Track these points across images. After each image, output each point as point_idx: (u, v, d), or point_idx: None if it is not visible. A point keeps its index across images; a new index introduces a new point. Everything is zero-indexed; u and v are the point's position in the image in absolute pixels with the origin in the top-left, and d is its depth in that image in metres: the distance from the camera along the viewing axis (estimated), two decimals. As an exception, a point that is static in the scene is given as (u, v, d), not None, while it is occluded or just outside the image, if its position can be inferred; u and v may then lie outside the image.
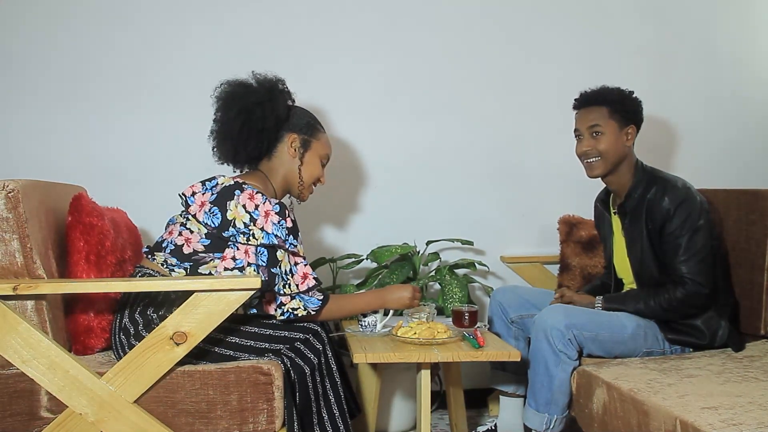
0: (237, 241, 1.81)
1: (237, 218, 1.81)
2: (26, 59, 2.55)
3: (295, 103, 2.07)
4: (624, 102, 2.17)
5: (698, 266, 2.04)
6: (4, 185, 1.62)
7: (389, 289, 2.08)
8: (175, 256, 1.85)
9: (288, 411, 1.72)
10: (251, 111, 1.92)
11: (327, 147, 2.07)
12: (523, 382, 2.26)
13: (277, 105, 1.97)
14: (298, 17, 2.70)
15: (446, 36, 2.80)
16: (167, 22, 2.62)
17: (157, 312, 1.78)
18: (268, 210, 1.82)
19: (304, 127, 2.02)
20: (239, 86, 1.97)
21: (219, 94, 1.99)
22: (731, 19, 3.00)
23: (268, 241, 1.81)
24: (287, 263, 1.86)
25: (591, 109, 2.19)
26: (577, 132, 2.22)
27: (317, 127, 2.05)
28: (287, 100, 2.02)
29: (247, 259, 1.81)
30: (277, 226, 1.82)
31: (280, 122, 1.97)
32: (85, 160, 2.57)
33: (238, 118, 1.93)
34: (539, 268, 2.84)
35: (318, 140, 2.04)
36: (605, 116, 2.16)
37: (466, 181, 2.84)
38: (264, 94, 1.95)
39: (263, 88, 1.97)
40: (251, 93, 1.95)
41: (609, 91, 2.20)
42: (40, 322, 1.67)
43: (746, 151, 3.01)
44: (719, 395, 1.68)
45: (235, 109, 1.93)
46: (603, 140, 2.15)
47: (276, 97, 1.97)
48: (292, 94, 2.04)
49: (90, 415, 1.63)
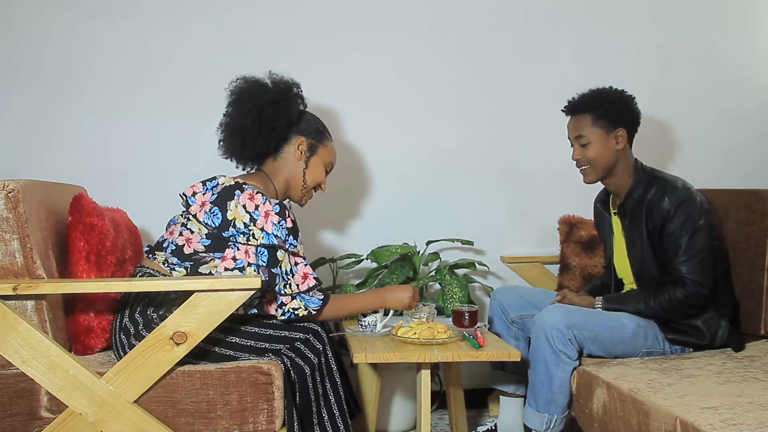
0: (237, 241, 1.82)
1: (237, 218, 1.81)
2: (26, 59, 2.55)
3: (307, 109, 2.08)
4: (608, 106, 2.14)
5: (698, 266, 2.04)
6: (4, 185, 1.62)
7: (390, 289, 2.08)
8: (176, 255, 1.85)
9: (288, 411, 1.72)
10: (264, 109, 1.93)
11: (333, 155, 2.09)
12: (523, 382, 2.26)
13: (290, 107, 1.98)
14: (298, 17, 2.70)
15: (446, 36, 2.80)
16: (168, 22, 2.62)
17: (158, 312, 1.78)
18: (268, 210, 1.82)
19: (313, 132, 2.04)
20: (255, 84, 1.98)
21: (233, 89, 1.99)
22: (731, 19, 2.99)
23: (268, 242, 1.81)
24: (287, 263, 1.87)
25: (576, 117, 2.18)
26: (569, 139, 2.22)
27: (325, 135, 2.07)
28: (300, 104, 2.04)
29: (248, 259, 1.81)
30: (277, 226, 1.82)
31: (290, 123, 1.99)
32: (85, 160, 2.57)
33: (250, 114, 1.93)
34: (539, 268, 2.84)
35: (325, 147, 2.06)
36: (589, 124, 2.14)
37: (466, 181, 2.84)
38: (279, 95, 1.97)
39: (278, 88, 1.98)
40: (266, 92, 1.96)
41: (592, 96, 2.17)
42: (40, 322, 1.67)
43: (746, 151, 3.01)
44: (719, 395, 1.68)
45: (248, 105, 1.94)
46: (590, 149, 2.15)
47: (290, 99, 1.99)
48: (305, 99, 2.06)
49: (90, 415, 1.62)
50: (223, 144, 2.01)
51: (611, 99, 2.16)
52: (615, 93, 2.18)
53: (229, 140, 1.99)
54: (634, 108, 2.19)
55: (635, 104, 2.19)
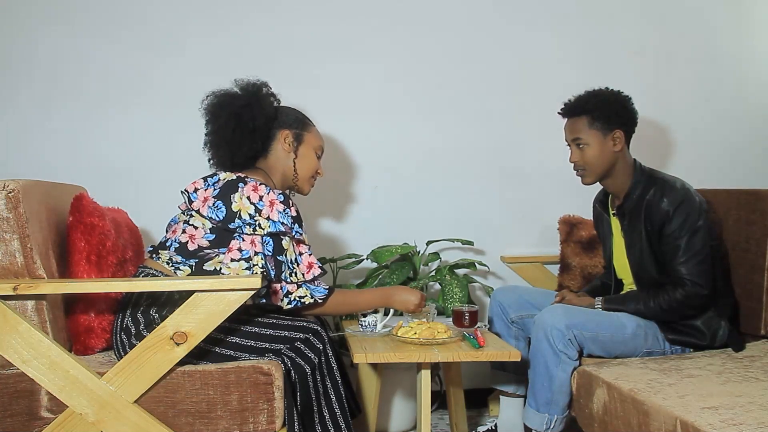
0: (243, 232, 1.84)
1: (242, 210, 1.83)
2: (26, 59, 2.55)
3: (281, 104, 2.09)
4: (604, 107, 2.13)
5: (698, 267, 2.04)
6: (5, 185, 1.62)
7: (397, 290, 2.08)
8: (180, 253, 1.86)
9: (288, 411, 1.72)
10: (240, 114, 1.95)
11: (319, 139, 2.10)
12: (523, 382, 2.26)
13: (265, 105, 2.00)
14: (299, 17, 2.70)
15: (446, 36, 2.80)
16: (168, 21, 2.62)
17: (160, 312, 1.78)
18: (273, 199, 1.85)
19: (294, 122, 2.05)
20: (224, 95, 2.01)
21: (206, 107, 2.02)
22: (731, 19, 3.00)
23: (275, 229, 1.84)
24: (292, 252, 1.89)
25: (572, 120, 2.18)
26: (566, 142, 2.22)
27: (307, 122, 2.09)
28: (273, 101, 2.06)
29: (254, 248, 1.84)
30: (283, 214, 1.85)
31: (269, 121, 2.01)
32: (85, 160, 2.57)
33: (228, 123, 1.95)
34: (539, 268, 2.84)
35: (310, 133, 2.08)
36: (586, 127, 2.14)
37: (466, 181, 2.84)
38: (250, 97, 1.99)
39: (248, 92, 2.00)
40: (237, 98, 1.99)
41: (588, 98, 2.16)
42: (40, 322, 1.67)
43: (746, 151, 3.01)
44: (719, 395, 1.68)
45: (224, 116, 1.96)
46: (588, 151, 2.14)
47: (262, 98, 2.01)
48: (276, 95, 2.07)
49: (90, 415, 1.62)
50: (213, 159, 2.03)
51: (607, 100, 2.15)
52: (611, 94, 2.17)
53: (217, 154, 2.01)
54: (631, 109, 2.18)
55: (632, 105, 2.19)
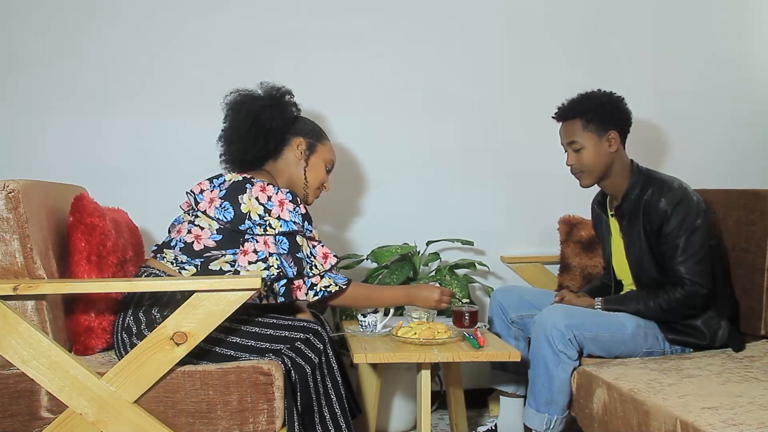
0: (255, 233, 1.85)
1: (252, 210, 1.85)
2: (26, 59, 2.55)
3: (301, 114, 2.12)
4: (598, 109, 2.13)
5: (697, 267, 2.04)
6: (5, 185, 1.62)
7: (419, 288, 2.10)
8: (186, 253, 1.87)
9: (288, 411, 1.72)
10: (259, 113, 1.99)
11: (332, 153, 2.13)
12: (523, 382, 2.26)
13: (285, 110, 2.04)
14: (299, 17, 2.70)
15: (446, 37, 2.80)
16: (168, 21, 2.62)
17: (162, 312, 1.78)
18: (282, 199, 1.87)
19: (311, 132, 2.09)
20: (247, 94, 2.05)
21: (228, 102, 2.05)
22: (731, 19, 3.00)
23: (288, 228, 1.86)
24: (307, 247, 1.92)
25: (567, 123, 2.18)
26: (562, 145, 2.22)
27: (322, 134, 2.12)
28: (294, 109, 2.09)
29: (268, 249, 1.86)
30: (293, 212, 1.87)
31: (286, 125, 2.04)
32: (86, 160, 2.57)
33: (246, 120, 1.99)
34: (539, 268, 2.84)
35: (323, 145, 2.10)
36: (580, 129, 2.14)
37: (466, 181, 2.84)
38: (272, 99, 2.03)
39: (271, 94, 2.05)
40: (259, 98, 2.03)
41: (580, 101, 2.17)
42: (40, 323, 1.67)
43: (746, 151, 3.01)
44: (719, 395, 1.68)
45: (243, 112, 2.00)
46: (584, 154, 2.15)
47: (283, 103, 2.05)
48: (298, 104, 2.10)
49: (90, 415, 1.62)
50: (225, 153, 2.06)
51: (600, 102, 2.15)
52: (603, 96, 2.17)
53: (228, 149, 2.04)
54: (625, 109, 2.18)
55: (625, 105, 2.19)
